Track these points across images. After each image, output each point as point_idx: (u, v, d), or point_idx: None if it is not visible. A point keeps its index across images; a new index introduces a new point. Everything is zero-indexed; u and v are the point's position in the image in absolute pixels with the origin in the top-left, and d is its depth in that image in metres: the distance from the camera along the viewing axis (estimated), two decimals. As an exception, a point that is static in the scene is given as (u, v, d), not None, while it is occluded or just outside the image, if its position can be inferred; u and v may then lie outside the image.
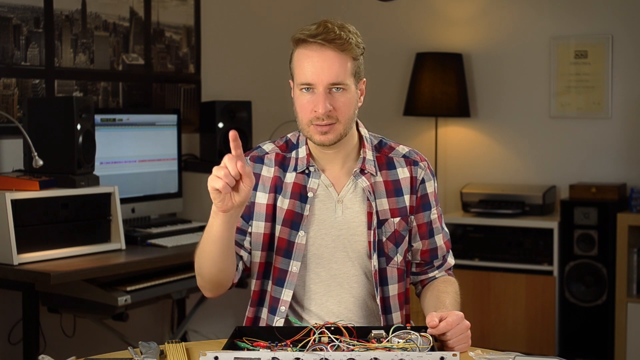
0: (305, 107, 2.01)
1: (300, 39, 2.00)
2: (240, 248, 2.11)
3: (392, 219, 2.08)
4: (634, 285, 4.17)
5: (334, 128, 2.00)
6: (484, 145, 4.81)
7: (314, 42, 1.98)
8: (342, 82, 1.99)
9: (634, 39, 4.44)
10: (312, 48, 1.99)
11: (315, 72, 1.97)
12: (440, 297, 2.06)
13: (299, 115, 2.04)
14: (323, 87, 1.98)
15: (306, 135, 2.05)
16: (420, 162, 2.13)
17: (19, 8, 3.42)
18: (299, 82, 2.01)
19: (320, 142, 2.02)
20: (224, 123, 3.96)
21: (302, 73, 1.99)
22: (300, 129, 2.07)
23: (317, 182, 2.08)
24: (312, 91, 1.99)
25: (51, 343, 3.44)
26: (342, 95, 2.00)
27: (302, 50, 2.01)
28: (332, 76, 1.98)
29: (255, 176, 2.10)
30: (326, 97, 1.98)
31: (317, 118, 1.99)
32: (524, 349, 4.24)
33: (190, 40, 4.26)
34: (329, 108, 1.98)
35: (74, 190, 3.10)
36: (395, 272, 2.10)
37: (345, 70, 1.99)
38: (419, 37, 4.89)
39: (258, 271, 2.11)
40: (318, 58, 1.98)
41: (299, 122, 2.05)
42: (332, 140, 2.02)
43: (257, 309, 2.13)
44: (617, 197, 4.25)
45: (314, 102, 1.99)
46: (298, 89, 2.02)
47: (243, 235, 2.12)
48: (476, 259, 4.45)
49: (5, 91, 3.39)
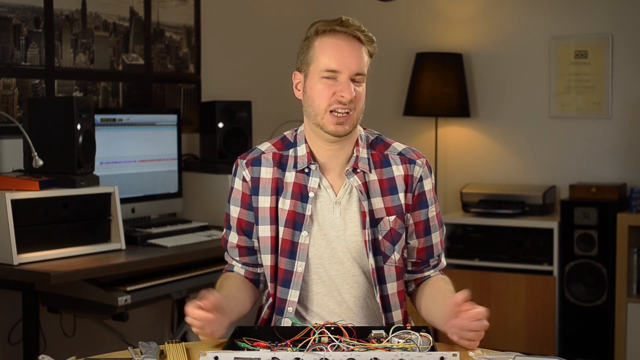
0: (324, 93, 2.02)
1: (325, 30, 2.04)
2: (256, 267, 2.17)
3: (388, 218, 2.08)
4: (634, 285, 4.17)
5: (349, 117, 2.02)
6: (484, 145, 4.81)
7: (342, 32, 2.03)
8: (363, 73, 2.04)
9: (634, 39, 4.44)
10: (340, 37, 2.03)
11: (342, 60, 2.01)
12: (445, 294, 2.06)
13: (315, 102, 2.03)
14: (348, 75, 2.01)
15: (319, 124, 2.04)
16: (417, 160, 2.12)
17: (19, 8, 3.42)
18: (323, 68, 2.02)
19: (335, 132, 2.03)
20: (224, 123, 3.96)
21: (327, 60, 2.02)
22: (312, 117, 2.05)
23: (317, 182, 2.08)
24: (333, 79, 2.02)
25: (51, 343, 3.44)
26: (361, 86, 2.05)
27: (327, 39, 2.03)
28: (358, 65, 2.02)
29: (254, 181, 2.11)
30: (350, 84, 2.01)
31: (340, 103, 2.01)
32: (524, 349, 4.24)
33: (190, 40, 4.26)
34: (354, 94, 2.01)
35: (74, 190, 3.10)
36: (393, 270, 2.10)
37: (365, 63, 2.05)
38: (419, 37, 4.89)
39: (271, 274, 2.11)
40: (346, 47, 2.02)
41: (314, 110, 2.04)
42: (347, 131, 2.04)
43: (271, 310, 2.14)
44: (617, 197, 4.25)
45: (336, 88, 2.01)
46: (318, 76, 2.03)
47: (254, 254, 2.15)
48: (476, 259, 4.45)
49: (5, 91, 3.39)
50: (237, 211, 2.13)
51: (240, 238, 2.14)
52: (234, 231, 2.15)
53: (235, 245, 2.15)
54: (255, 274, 2.17)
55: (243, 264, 2.16)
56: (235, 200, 2.14)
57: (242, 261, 2.16)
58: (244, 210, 2.12)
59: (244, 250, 2.15)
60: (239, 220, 2.13)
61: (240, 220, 2.13)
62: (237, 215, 2.13)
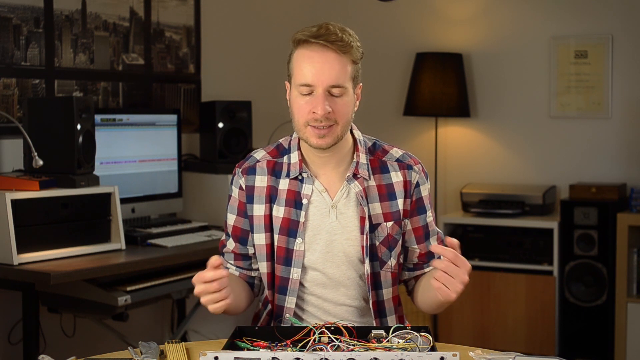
0: (303, 108, 1.99)
1: (302, 40, 1.97)
2: (250, 271, 2.16)
3: (385, 223, 2.08)
4: (634, 285, 4.17)
5: (331, 131, 1.98)
6: (484, 145, 4.81)
7: (315, 43, 1.95)
8: (342, 85, 1.97)
9: (634, 39, 4.44)
10: (313, 49, 1.96)
11: (315, 74, 1.95)
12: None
13: (295, 116, 2.02)
14: (323, 89, 1.95)
15: (302, 138, 2.03)
16: (414, 166, 2.12)
17: (19, 8, 3.42)
18: (298, 82, 1.98)
19: (317, 146, 2.00)
20: (224, 123, 3.96)
21: (301, 74, 1.97)
22: (296, 130, 2.05)
23: (310, 188, 2.07)
24: (310, 93, 1.97)
25: (51, 343, 3.44)
26: (341, 98, 1.98)
27: (302, 51, 1.98)
28: (333, 78, 1.95)
29: (249, 189, 2.11)
30: (325, 99, 1.96)
31: (315, 120, 1.97)
32: (524, 349, 4.24)
33: (190, 40, 4.26)
34: (328, 110, 1.96)
35: (74, 190, 3.10)
36: (389, 276, 2.10)
37: (345, 73, 1.97)
38: (419, 37, 4.89)
39: (268, 281, 2.11)
40: (319, 59, 1.95)
41: (295, 124, 2.03)
42: (329, 144, 2.00)
43: (270, 317, 2.14)
44: (617, 197, 4.25)
45: (312, 104, 1.97)
46: (296, 90, 1.99)
47: (248, 260, 2.15)
48: (476, 259, 4.45)
49: (5, 91, 3.39)
50: (234, 219, 2.14)
51: (236, 245, 2.15)
52: (230, 238, 2.16)
53: (231, 251, 2.16)
54: (249, 277, 2.17)
55: (237, 267, 2.17)
56: (232, 208, 2.14)
57: (237, 265, 2.16)
58: (240, 217, 2.13)
59: (239, 256, 2.15)
60: (234, 228, 2.14)
61: (236, 228, 2.13)
62: (232, 223, 2.14)
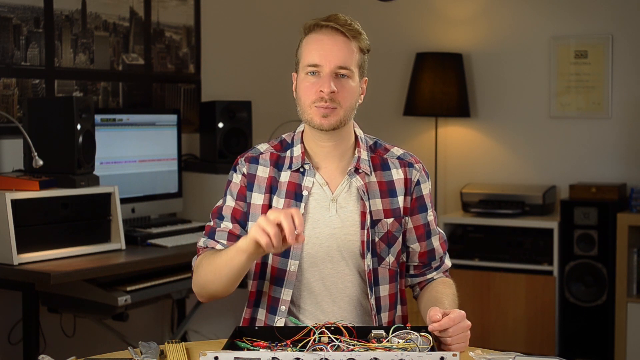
0: (308, 88, 2.02)
1: (312, 25, 2.04)
2: None
3: (386, 220, 2.08)
4: (634, 285, 4.17)
5: (335, 112, 2.01)
6: (484, 145, 4.81)
7: (325, 26, 2.02)
8: (349, 67, 2.02)
9: (634, 39, 4.44)
10: (323, 32, 2.02)
11: (324, 54, 2.00)
12: (439, 298, 2.05)
13: (301, 99, 2.04)
14: (330, 69, 2.00)
15: (306, 120, 2.05)
16: (415, 164, 2.13)
17: (19, 8, 3.42)
18: (306, 63, 2.02)
19: (320, 125, 2.02)
20: (224, 123, 3.96)
21: (309, 55, 2.02)
22: (301, 115, 2.06)
23: (312, 181, 2.08)
24: (317, 74, 2.01)
25: (51, 343, 3.44)
26: (347, 81, 2.02)
27: (312, 35, 2.04)
28: (340, 59, 2.00)
29: (250, 177, 2.11)
30: (332, 79, 2.00)
31: (321, 99, 2.00)
32: (524, 349, 4.24)
33: (190, 40, 4.26)
34: (334, 89, 1.99)
35: (74, 190, 3.10)
36: (387, 273, 2.10)
37: (352, 58, 2.02)
38: (419, 37, 4.89)
39: (255, 272, 2.10)
40: (328, 41, 2.01)
41: (300, 106, 2.05)
42: (332, 125, 2.02)
43: (254, 309, 2.12)
44: (617, 197, 4.25)
45: (319, 84, 2.00)
46: (303, 72, 2.03)
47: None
48: (476, 259, 4.45)
49: (5, 91, 3.39)
50: (233, 202, 2.11)
51: (235, 226, 2.10)
52: (227, 220, 2.10)
53: (228, 231, 2.09)
54: None
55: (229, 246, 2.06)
56: (232, 192, 2.12)
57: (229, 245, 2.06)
58: (240, 202, 2.11)
59: (234, 237, 2.08)
60: (235, 210, 2.10)
61: (236, 210, 2.10)
62: (233, 205, 2.11)
